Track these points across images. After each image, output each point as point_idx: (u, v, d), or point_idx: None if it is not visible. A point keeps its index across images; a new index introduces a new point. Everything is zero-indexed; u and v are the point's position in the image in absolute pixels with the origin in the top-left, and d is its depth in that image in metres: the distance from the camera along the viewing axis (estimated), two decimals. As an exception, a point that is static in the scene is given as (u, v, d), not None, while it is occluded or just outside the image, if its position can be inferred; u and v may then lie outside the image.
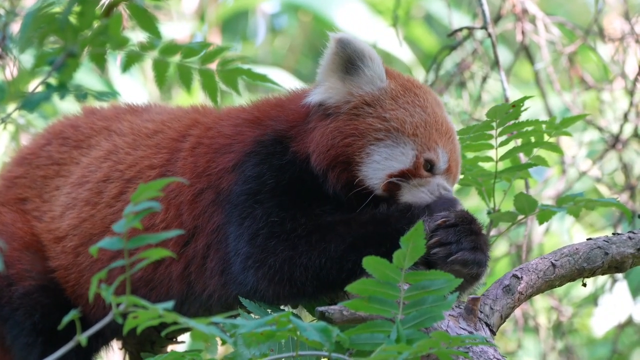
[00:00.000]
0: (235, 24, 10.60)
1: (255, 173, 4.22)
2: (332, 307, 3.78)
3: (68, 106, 6.81)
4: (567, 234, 8.17)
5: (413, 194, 4.19)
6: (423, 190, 4.19)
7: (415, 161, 4.19)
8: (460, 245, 4.03)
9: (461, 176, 4.57)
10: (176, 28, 9.56)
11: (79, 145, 4.75)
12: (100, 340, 4.59)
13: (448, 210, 4.09)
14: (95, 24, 3.65)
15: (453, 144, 4.31)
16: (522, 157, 4.86)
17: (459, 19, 8.08)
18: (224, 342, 3.62)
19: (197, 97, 7.93)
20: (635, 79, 6.86)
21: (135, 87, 8.64)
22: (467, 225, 4.06)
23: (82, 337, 3.31)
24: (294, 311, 4.22)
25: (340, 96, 4.25)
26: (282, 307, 4.20)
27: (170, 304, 3.28)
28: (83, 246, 4.51)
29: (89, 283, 4.43)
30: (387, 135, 4.20)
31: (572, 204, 4.57)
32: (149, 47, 3.79)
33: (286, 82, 7.96)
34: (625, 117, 6.98)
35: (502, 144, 4.66)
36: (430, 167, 4.22)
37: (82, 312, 3.57)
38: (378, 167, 4.18)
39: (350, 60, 4.25)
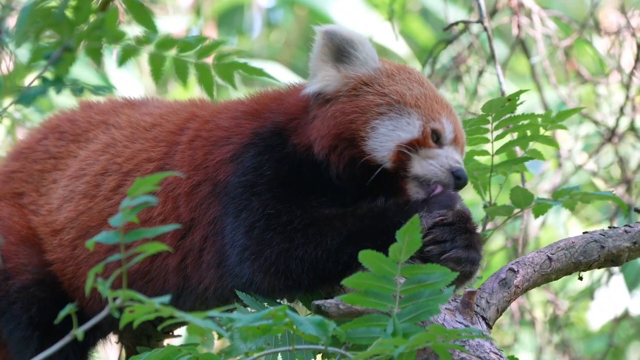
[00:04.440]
0: (231, 18, 10.61)
1: (254, 164, 4.23)
2: (329, 300, 3.79)
3: (64, 100, 6.81)
4: (563, 227, 8.19)
5: (422, 166, 4.19)
6: (432, 162, 4.19)
7: (423, 130, 4.20)
8: (455, 243, 4.04)
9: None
10: (172, 22, 9.56)
11: (76, 139, 4.75)
12: (97, 334, 4.59)
13: (446, 208, 4.09)
14: (91, 18, 3.66)
15: (454, 116, 4.33)
16: (518, 151, 4.86)
17: (454, 13, 8.10)
18: (220, 336, 3.62)
19: (194, 91, 7.92)
20: (631, 73, 6.87)
21: (131, 81, 8.63)
22: (462, 224, 4.07)
23: (79, 332, 3.31)
24: (290, 305, 4.22)
25: (337, 82, 4.27)
26: (278, 300, 4.20)
27: (166, 298, 3.29)
28: (80, 239, 4.51)
29: (85, 276, 4.43)
30: (390, 108, 4.22)
31: (568, 197, 4.58)
32: (145, 41, 3.79)
33: (282, 76, 7.97)
34: (621, 110, 6.99)
35: (498, 137, 4.66)
36: (437, 138, 4.23)
37: (78, 306, 3.56)
38: (385, 138, 4.19)
39: (340, 48, 4.28)
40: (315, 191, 4.20)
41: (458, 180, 4.19)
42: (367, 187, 4.19)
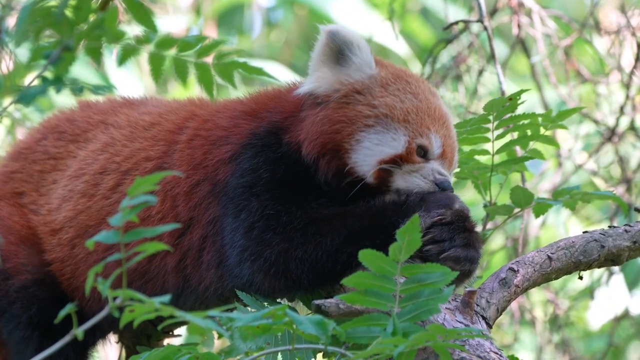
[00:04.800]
0: (231, 18, 10.61)
1: (252, 166, 4.22)
2: (329, 300, 3.78)
3: (64, 100, 6.81)
4: (563, 227, 8.18)
5: (406, 180, 4.17)
6: (416, 175, 4.18)
7: (407, 146, 4.18)
8: (453, 242, 4.03)
9: (457, 169, 4.57)
10: (172, 21, 9.56)
11: (75, 139, 4.75)
12: (97, 334, 4.59)
13: (445, 207, 4.08)
14: (91, 18, 3.66)
15: (447, 129, 4.29)
16: (519, 150, 4.86)
17: (455, 12, 8.10)
18: (220, 336, 3.62)
19: (193, 91, 7.92)
20: (631, 72, 6.87)
21: (131, 81, 8.63)
22: (461, 223, 4.06)
23: (79, 331, 3.31)
24: (290, 304, 4.22)
25: (329, 85, 4.25)
26: (278, 300, 4.20)
27: (166, 297, 3.29)
28: (79, 238, 4.51)
29: (84, 275, 4.43)
30: (377, 121, 4.20)
31: (569, 197, 4.58)
32: (145, 40, 3.79)
33: (282, 75, 7.95)
34: (621, 110, 6.99)
35: (499, 137, 4.66)
36: (423, 153, 4.21)
37: (78, 305, 3.56)
38: (369, 153, 4.17)
39: (340, 50, 4.26)
40: (313, 191, 4.20)
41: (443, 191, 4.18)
42: (353, 196, 4.17)
